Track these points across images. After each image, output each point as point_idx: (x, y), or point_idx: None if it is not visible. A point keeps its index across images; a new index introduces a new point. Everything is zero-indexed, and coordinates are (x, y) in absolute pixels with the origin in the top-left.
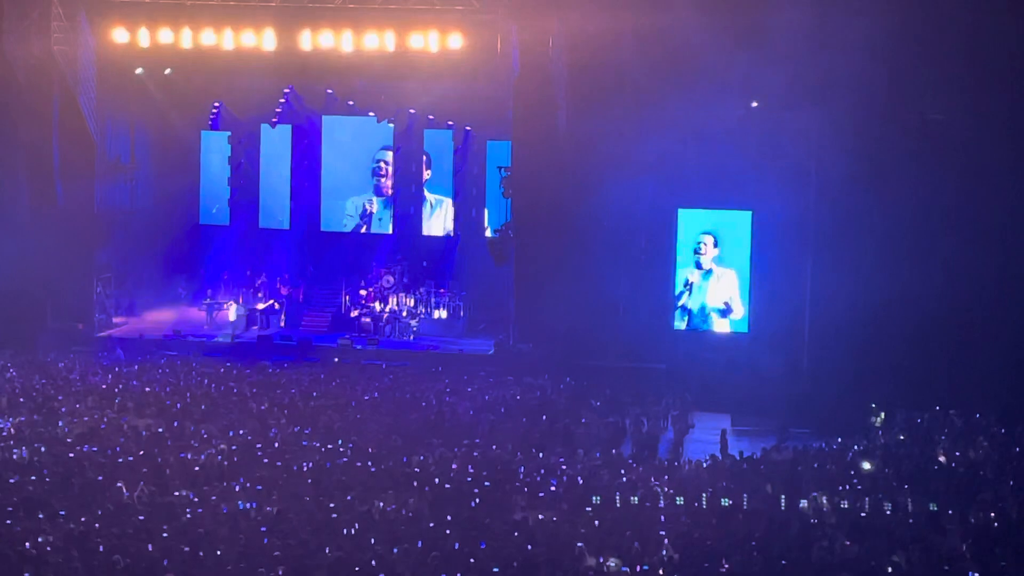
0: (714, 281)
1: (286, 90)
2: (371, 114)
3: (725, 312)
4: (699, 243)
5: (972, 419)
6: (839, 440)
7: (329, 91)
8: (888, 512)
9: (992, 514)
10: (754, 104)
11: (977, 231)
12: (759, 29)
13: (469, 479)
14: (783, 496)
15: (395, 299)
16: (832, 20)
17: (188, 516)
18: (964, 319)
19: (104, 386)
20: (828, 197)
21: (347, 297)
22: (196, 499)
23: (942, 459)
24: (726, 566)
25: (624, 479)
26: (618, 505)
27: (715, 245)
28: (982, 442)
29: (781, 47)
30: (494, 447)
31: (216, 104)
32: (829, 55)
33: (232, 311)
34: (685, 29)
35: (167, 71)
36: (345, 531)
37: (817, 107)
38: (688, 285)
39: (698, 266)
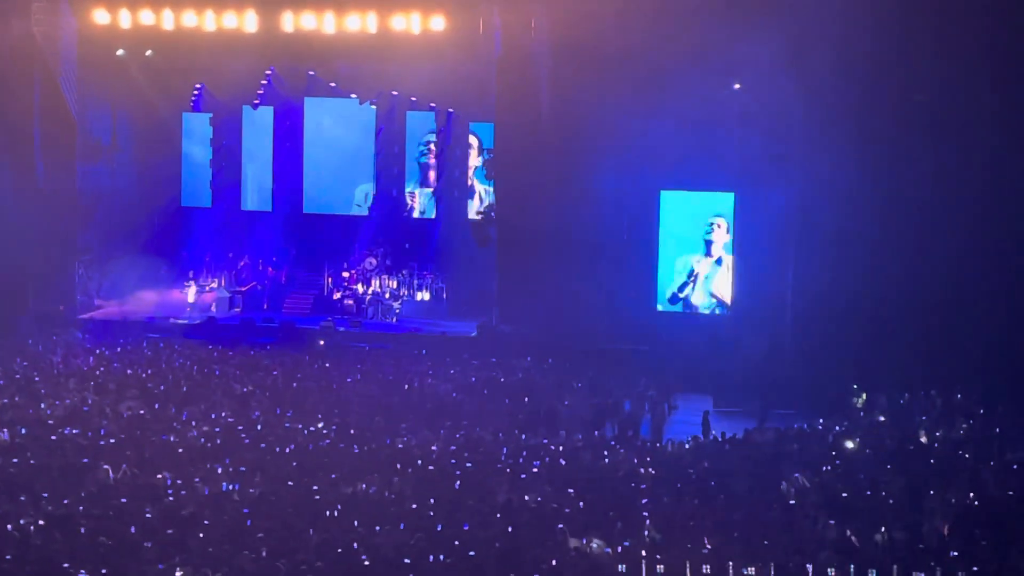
0: (723, 270)
1: (268, 72)
2: (353, 96)
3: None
4: (711, 224)
5: (953, 400)
6: (821, 421)
7: (311, 73)
8: (869, 492)
9: (971, 494)
10: (736, 86)
11: (961, 214)
12: (745, 9)
13: (452, 461)
14: (765, 476)
15: (378, 281)
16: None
17: (171, 498)
18: (946, 301)
19: (86, 368)
20: (812, 178)
21: (329, 279)
22: (179, 481)
23: (923, 439)
24: (708, 546)
25: (607, 460)
26: (601, 487)
27: (728, 231)
28: (962, 423)
29: (767, 28)
30: (477, 429)
31: (198, 86)
32: (816, 36)
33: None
34: (669, 9)
35: (148, 53)
36: (328, 513)
37: (802, 88)
38: (693, 276)
39: (708, 253)
